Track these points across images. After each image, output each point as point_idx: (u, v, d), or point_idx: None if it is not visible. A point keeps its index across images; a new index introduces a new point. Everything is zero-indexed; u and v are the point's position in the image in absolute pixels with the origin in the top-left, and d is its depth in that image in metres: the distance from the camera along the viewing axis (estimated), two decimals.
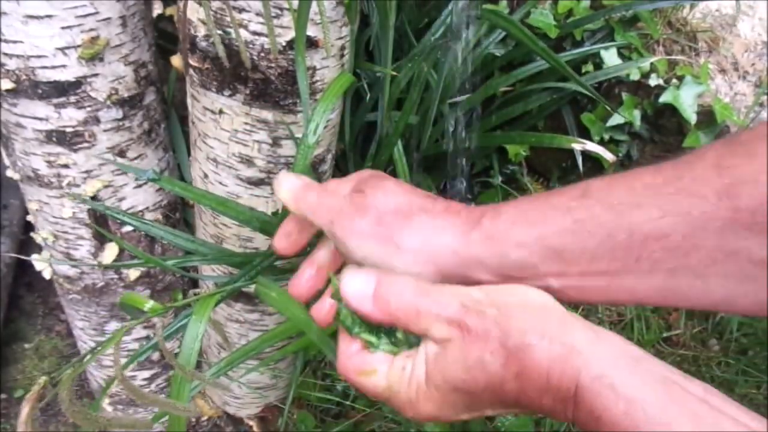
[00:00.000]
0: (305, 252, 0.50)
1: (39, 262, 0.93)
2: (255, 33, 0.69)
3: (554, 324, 0.33)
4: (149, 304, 0.57)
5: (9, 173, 0.85)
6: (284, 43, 0.70)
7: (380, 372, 0.38)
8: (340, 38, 0.74)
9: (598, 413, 0.30)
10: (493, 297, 0.35)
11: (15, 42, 0.70)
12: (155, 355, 1.06)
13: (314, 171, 0.85)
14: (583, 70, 1.16)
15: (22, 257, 0.98)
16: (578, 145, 0.92)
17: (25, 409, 0.43)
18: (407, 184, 0.42)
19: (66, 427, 1.23)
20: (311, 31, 0.69)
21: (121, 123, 0.81)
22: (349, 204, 0.41)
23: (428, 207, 0.40)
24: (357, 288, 0.37)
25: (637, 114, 1.18)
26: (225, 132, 0.78)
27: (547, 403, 0.32)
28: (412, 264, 0.38)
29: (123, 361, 0.68)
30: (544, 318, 0.34)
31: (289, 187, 0.45)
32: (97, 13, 0.72)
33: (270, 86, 0.73)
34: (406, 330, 0.37)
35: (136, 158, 0.85)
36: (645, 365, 0.31)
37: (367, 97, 0.98)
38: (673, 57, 1.17)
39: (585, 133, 1.22)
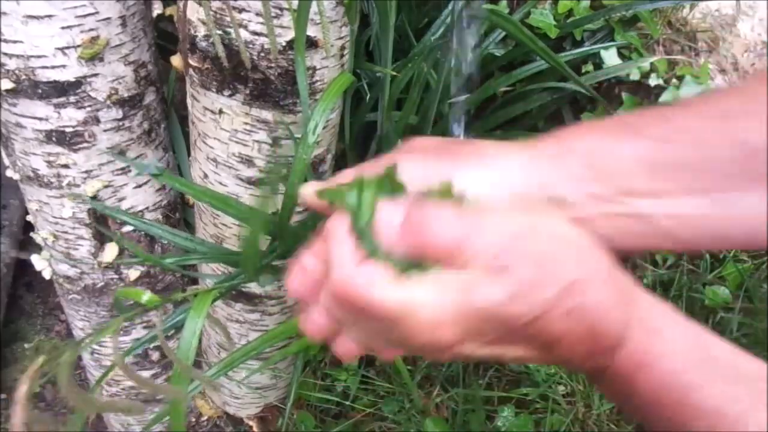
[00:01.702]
0: None
1: (39, 262, 0.93)
2: (255, 33, 0.69)
3: (605, 269, 0.30)
4: (147, 296, 0.57)
5: (9, 173, 0.85)
6: (284, 43, 0.70)
7: (395, 281, 0.28)
8: (340, 38, 0.74)
9: (639, 357, 0.29)
10: (540, 235, 0.29)
11: (15, 42, 0.70)
12: (155, 355, 1.06)
13: (314, 171, 0.85)
14: (583, 70, 1.16)
15: (22, 256, 0.98)
16: None
17: (23, 387, 0.43)
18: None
19: (66, 427, 1.23)
20: (311, 31, 0.69)
21: (121, 123, 0.81)
22: (397, 153, 0.34)
23: (484, 141, 0.35)
24: (384, 215, 0.30)
25: None
26: (225, 132, 0.78)
27: (587, 347, 0.29)
28: (487, 186, 0.32)
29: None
30: (596, 261, 0.30)
31: (312, 185, 0.36)
32: (96, 13, 0.72)
33: (270, 86, 0.73)
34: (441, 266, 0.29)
35: (136, 158, 0.85)
36: (683, 323, 0.31)
37: (367, 97, 0.98)
38: (673, 57, 1.17)
39: None
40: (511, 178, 0.32)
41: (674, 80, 1.15)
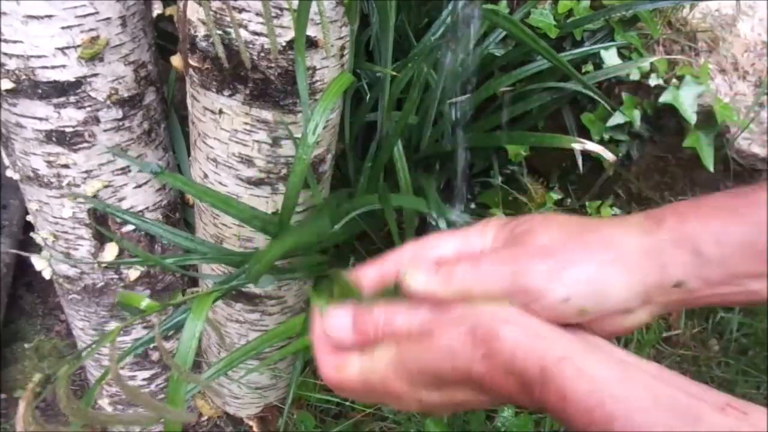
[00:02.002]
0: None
1: (39, 262, 0.93)
2: (255, 33, 0.69)
3: (515, 311, 0.33)
4: (145, 302, 0.57)
5: (9, 173, 0.85)
6: (284, 43, 0.70)
7: (352, 362, 0.38)
8: (340, 38, 0.74)
9: (563, 393, 0.31)
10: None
11: (15, 42, 0.70)
12: (155, 355, 1.06)
13: (314, 171, 0.85)
14: (583, 70, 1.16)
15: (23, 253, 0.98)
16: (578, 145, 0.92)
17: (21, 406, 0.43)
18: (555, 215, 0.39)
19: (66, 426, 1.23)
20: (311, 31, 0.69)
21: (121, 123, 0.81)
22: (525, 250, 0.36)
23: (603, 222, 0.36)
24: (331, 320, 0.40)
25: (637, 114, 1.18)
26: (225, 132, 0.78)
27: (513, 386, 0.32)
28: (614, 279, 0.34)
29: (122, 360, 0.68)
30: (505, 305, 0.34)
31: (426, 272, 0.37)
32: (96, 13, 0.72)
33: (270, 86, 0.73)
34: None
35: (136, 158, 0.85)
36: (603, 349, 0.32)
37: (367, 97, 0.98)
38: (673, 57, 1.17)
39: (585, 133, 1.21)
40: (628, 267, 0.35)
41: (674, 80, 1.15)
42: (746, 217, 0.33)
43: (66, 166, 0.80)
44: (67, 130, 0.77)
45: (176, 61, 0.87)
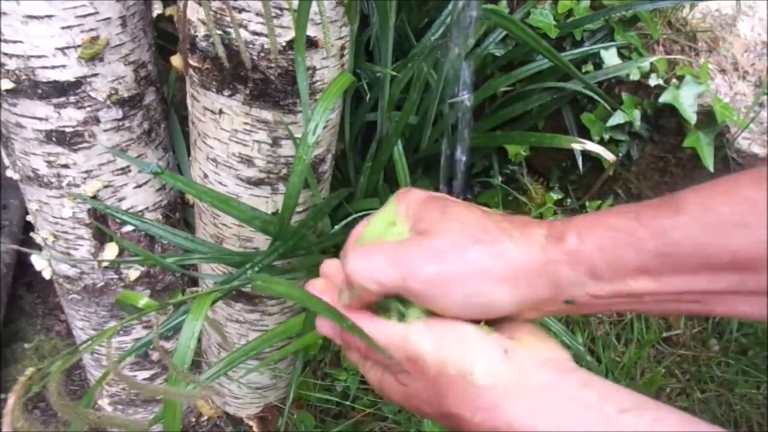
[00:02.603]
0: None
1: (39, 262, 0.93)
2: (255, 33, 0.69)
3: (492, 400, 0.34)
4: (144, 301, 0.57)
5: (9, 173, 0.85)
6: (284, 43, 0.70)
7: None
8: (340, 38, 0.74)
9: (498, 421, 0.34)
10: (439, 353, 0.36)
11: (15, 42, 0.70)
12: (155, 355, 1.06)
13: (314, 171, 0.85)
14: (583, 70, 1.16)
15: (23, 249, 0.98)
16: (578, 145, 0.92)
17: (11, 401, 0.43)
18: (470, 206, 0.40)
19: (65, 427, 1.23)
20: (311, 31, 0.69)
21: (121, 123, 0.81)
22: (418, 250, 0.37)
23: (506, 228, 0.37)
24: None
25: (637, 114, 1.18)
26: (225, 132, 0.78)
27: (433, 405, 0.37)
28: (501, 294, 0.36)
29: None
30: (483, 392, 0.34)
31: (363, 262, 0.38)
32: (96, 13, 0.72)
33: (270, 86, 0.73)
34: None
35: (135, 158, 0.85)
36: (586, 416, 0.33)
37: (367, 97, 0.98)
38: (673, 57, 1.17)
39: (585, 133, 1.22)
40: (525, 284, 0.37)
41: (674, 80, 1.15)
42: (642, 243, 0.34)
43: (66, 166, 0.80)
44: (67, 130, 0.77)
45: (176, 61, 0.87)
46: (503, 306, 0.36)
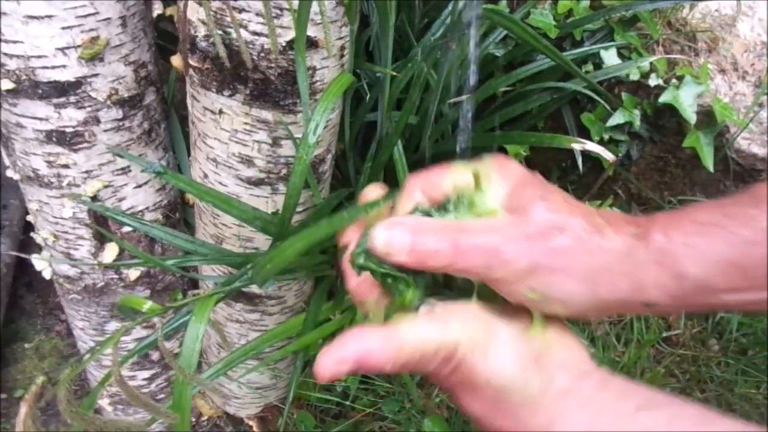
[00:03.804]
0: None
1: (39, 262, 0.93)
2: (255, 33, 0.69)
3: (516, 415, 0.34)
4: (147, 305, 0.57)
5: (9, 173, 0.85)
6: (284, 43, 0.70)
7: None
8: (340, 38, 0.74)
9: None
10: (473, 356, 0.34)
11: (15, 42, 0.70)
12: (155, 355, 1.06)
13: (314, 171, 0.85)
14: (583, 70, 1.16)
15: (23, 255, 0.98)
16: (578, 145, 0.92)
17: (23, 409, 0.43)
18: (566, 195, 0.38)
19: (66, 427, 1.23)
20: (311, 31, 0.69)
21: (121, 123, 0.81)
22: (512, 233, 0.35)
23: (598, 224, 0.36)
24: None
25: (636, 114, 1.18)
26: (225, 132, 0.78)
27: (481, 404, 0.35)
28: (580, 293, 0.35)
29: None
30: (510, 408, 0.34)
31: (396, 231, 0.36)
32: (97, 13, 0.72)
33: (270, 86, 0.73)
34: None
35: (137, 158, 0.85)
36: (602, 418, 0.32)
37: (367, 97, 0.98)
38: (672, 57, 1.17)
39: (585, 133, 1.22)
40: (603, 285, 0.35)
41: (674, 80, 1.15)
42: (730, 232, 0.33)
43: (66, 166, 0.81)
44: (68, 130, 0.77)
45: (176, 61, 0.87)
46: (578, 305, 0.35)
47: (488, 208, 0.37)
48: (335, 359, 0.33)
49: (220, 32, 0.70)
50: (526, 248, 0.34)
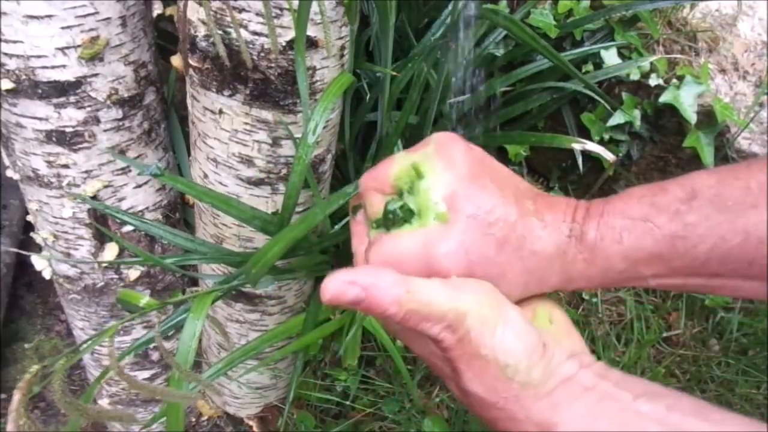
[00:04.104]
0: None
1: (39, 262, 0.93)
2: (255, 33, 0.69)
3: (519, 398, 0.34)
4: (145, 300, 0.57)
5: (9, 173, 0.85)
6: (284, 43, 0.70)
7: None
8: (340, 38, 0.74)
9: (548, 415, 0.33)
10: (483, 333, 0.34)
11: (15, 42, 0.70)
12: (155, 355, 1.06)
13: (314, 171, 0.85)
14: (583, 70, 1.16)
15: (23, 252, 0.98)
16: (578, 145, 0.92)
17: (16, 397, 0.43)
18: (509, 172, 0.39)
19: (66, 426, 1.23)
20: (311, 31, 0.69)
21: (121, 123, 0.81)
22: (450, 243, 0.36)
23: (539, 210, 0.37)
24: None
25: (637, 114, 1.18)
26: (225, 132, 0.78)
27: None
28: (509, 293, 0.37)
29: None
30: (515, 390, 0.34)
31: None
32: (96, 13, 0.72)
33: (270, 86, 0.73)
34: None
35: (136, 158, 0.85)
36: (602, 405, 0.33)
37: (367, 97, 0.98)
38: (673, 56, 1.17)
39: (585, 133, 1.22)
40: (537, 275, 0.38)
41: (674, 80, 1.15)
42: (657, 227, 0.35)
43: (66, 166, 0.80)
44: (67, 130, 0.77)
45: (176, 61, 0.87)
46: (508, 297, 0.36)
47: (429, 200, 0.38)
48: (345, 279, 0.33)
49: (220, 32, 0.70)
50: (460, 258, 0.36)
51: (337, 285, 0.33)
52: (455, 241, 0.36)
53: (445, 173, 0.37)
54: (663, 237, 0.34)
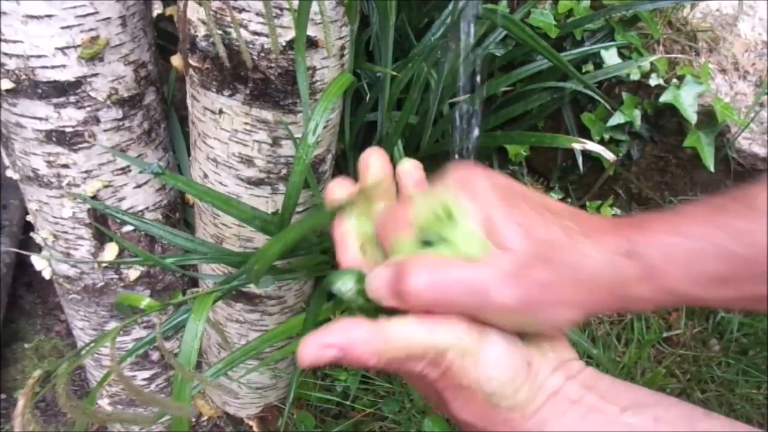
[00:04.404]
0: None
1: (39, 262, 0.93)
2: (255, 33, 0.69)
3: (507, 421, 0.33)
4: (146, 301, 0.57)
5: (9, 173, 0.85)
6: (284, 43, 0.70)
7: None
8: (340, 38, 0.74)
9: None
10: (465, 365, 0.33)
11: (15, 42, 0.70)
12: (155, 355, 1.06)
13: (314, 171, 0.85)
14: (584, 70, 1.16)
15: (23, 252, 0.98)
16: (578, 145, 0.92)
17: (20, 402, 0.43)
18: (543, 199, 0.37)
19: (66, 426, 1.23)
20: (311, 31, 0.69)
21: (121, 123, 0.81)
22: (499, 272, 0.33)
23: (575, 236, 0.35)
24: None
25: (637, 114, 1.18)
26: (225, 132, 0.78)
27: (471, 411, 0.34)
28: (567, 316, 0.35)
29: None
30: (501, 414, 0.33)
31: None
32: (96, 13, 0.72)
33: (270, 86, 0.73)
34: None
35: (135, 158, 0.85)
36: (589, 419, 0.32)
37: (367, 97, 0.98)
38: (673, 56, 1.17)
39: (585, 133, 1.22)
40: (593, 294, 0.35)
41: (674, 80, 1.15)
42: (713, 246, 0.33)
43: (66, 166, 0.80)
44: (67, 130, 0.77)
45: (176, 61, 0.87)
46: (563, 324, 0.35)
47: (472, 243, 0.35)
48: (319, 344, 0.33)
49: (220, 32, 0.70)
50: (514, 286, 0.33)
51: (313, 351, 0.33)
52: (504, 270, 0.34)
53: (472, 204, 0.35)
54: (725, 258, 0.33)
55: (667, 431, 0.30)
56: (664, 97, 1.13)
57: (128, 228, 0.89)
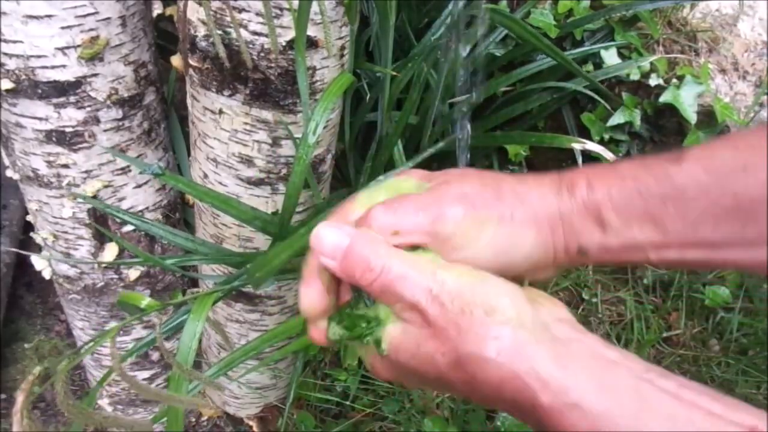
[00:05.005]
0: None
1: (39, 262, 0.93)
2: (255, 33, 0.69)
3: (517, 339, 0.31)
4: (146, 301, 0.57)
5: (9, 173, 0.85)
6: (284, 43, 0.70)
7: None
8: (340, 38, 0.74)
9: (563, 428, 0.30)
10: (464, 290, 0.32)
11: (15, 42, 0.70)
12: (155, 355, 1.06)
13: (314, 171, 0.85)
14: (584, 70, 1.16)
15: (23, 252, 0.98)
16: (578, 145, 0.92)
17: (19, 398, 0.43)
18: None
19: (66, 426, 1.23)
20: (311, 31, 0.69)
21: (120, 123, 0.81)
22: (446, 195, 0.36)
23: (521, 179, 0.37)
24: (330, 241, 0.35)
25: (637, 114, 1.18)
26: (225, 132, 0.78)
27: (503, 407, 0.33)
28: (526, 238, 0.36)
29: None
30: (508, 329, 0.31)
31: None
32: (96, 13, 0.72)
33: (270, 86, 0.73)
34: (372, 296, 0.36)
35: (135, 158, 0.85)
36: (614, 371, 0.31)
37: (367, 97, 0.98)
38: (673, 56, 1.17)
39: (585, 133, 1.22)
40: (549, 224, 0.37)
41: (674, 80, 1.15)
42: (649, 187, 0.34)
43: (66, 166, 0.80)
44: (67, 130, 0.77)
45: (176, 61, 0.87)
46: (527, 253, 0.36)
47: (409, 185, 0.39)
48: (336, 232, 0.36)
49: (220, 32, 0.70)
50: (464, 203, 0.36)
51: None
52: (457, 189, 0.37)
53: (418, 174, 0.40)
54: (653, 197, 0.34)
55: (690, 399, 0.29)
56: (664, 97, 1.13)
57: (128, 228, 0.89)
